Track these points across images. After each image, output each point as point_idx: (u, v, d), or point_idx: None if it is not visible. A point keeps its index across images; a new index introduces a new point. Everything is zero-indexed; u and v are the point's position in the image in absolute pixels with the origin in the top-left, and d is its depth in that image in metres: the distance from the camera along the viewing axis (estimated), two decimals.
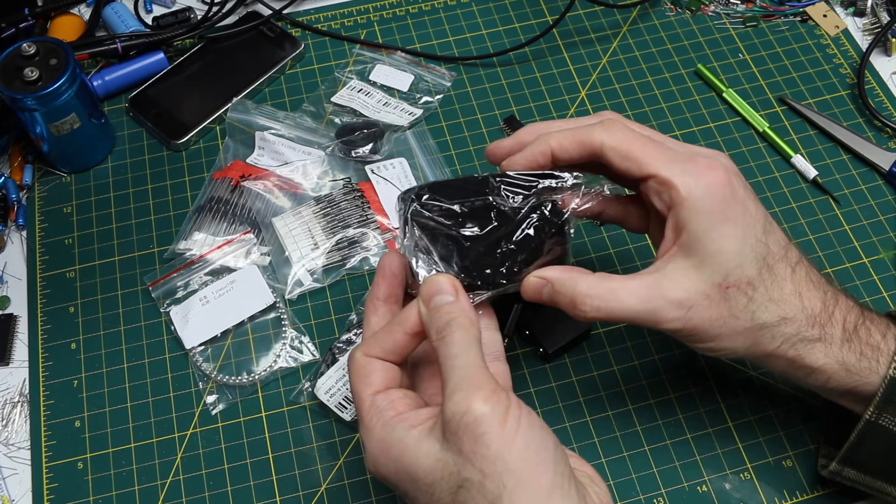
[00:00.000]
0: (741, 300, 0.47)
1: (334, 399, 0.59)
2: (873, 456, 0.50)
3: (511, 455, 0.41)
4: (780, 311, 0.47)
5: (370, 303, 0.49)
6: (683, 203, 0.46)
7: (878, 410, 0.48)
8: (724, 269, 0.46)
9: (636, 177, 0.48)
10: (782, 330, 0.47)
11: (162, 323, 0.65)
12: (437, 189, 0.50)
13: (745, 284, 0.46)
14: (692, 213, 0.46)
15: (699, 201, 0.46)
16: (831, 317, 0.48)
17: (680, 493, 0.57)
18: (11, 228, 0.70)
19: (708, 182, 0.47)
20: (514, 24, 0.81)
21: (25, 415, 0.62)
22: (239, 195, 0.69)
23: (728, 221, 0.47)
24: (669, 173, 0.47)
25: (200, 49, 0.78)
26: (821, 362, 0.48)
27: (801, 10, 0.81)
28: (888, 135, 0.74)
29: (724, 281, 0.46)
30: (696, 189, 0.46)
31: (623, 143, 0.48)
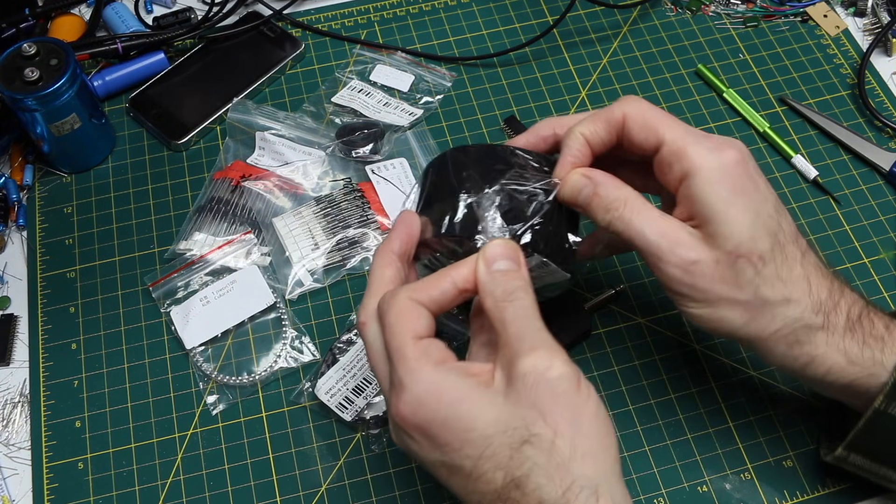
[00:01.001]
0: (748, 272, 0.46)
1: (335, 399, 0.59)
2: (881, 443, 0.49)
3: (584, 420, 0.40)
4: (786, 292, 0.47)
5: (385, 256, 0.47)
6: (697, 172, 0.46)
7: (887, 399, 0.47)
8: (736, 238, 0.46)
9: (652, 146, 0.48)
10: (785, 312, 0.47)
11: (162, 323, 0.65)
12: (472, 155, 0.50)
13: (755, 257, 0.46)
14: (706, 183, 0.46)
15: (713, 171, 0.46)
16: (836, 305, 0.48)
17: (680, 494, 0.57)
18: (12, 229, 0.70)
19: (721, 155, 0.47)
20: (514, 25, 0.81)
21: (26, 415, 0.62)
22: (239, 195, 0.69)
23: (742, 194, 0.46)
24: (684, 142, 0.47)
25: (201, 49, 0.79)
26: (821, 350, 0.47)
27: (801, 11, 0.81)
28: (888, 135, 0.74)
29: (734, 250, 0.46)
30: (710, 160, 0.46)
31: (643, 112, 0.49)
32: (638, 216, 0.47)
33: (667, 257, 0.46)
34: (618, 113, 0.49)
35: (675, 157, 0.47)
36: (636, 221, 0.47)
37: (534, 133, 0.52)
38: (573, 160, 0.49)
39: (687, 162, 0.47)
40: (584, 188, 0.48)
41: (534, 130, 0.52)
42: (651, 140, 0.48)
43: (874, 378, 0.47)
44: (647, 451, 0.59)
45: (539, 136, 0.52)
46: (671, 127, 0.48)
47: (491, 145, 0.51)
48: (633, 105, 0.49)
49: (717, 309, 0.47)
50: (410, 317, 0.43)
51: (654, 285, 0.66)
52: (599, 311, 0.64)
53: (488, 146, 0.51)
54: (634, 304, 0.65)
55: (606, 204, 0.48)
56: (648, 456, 0.58)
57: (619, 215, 0.47)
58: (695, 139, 0.47)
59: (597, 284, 0.65)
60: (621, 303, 0.65)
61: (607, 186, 0.48)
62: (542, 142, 0.52)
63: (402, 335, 0.43)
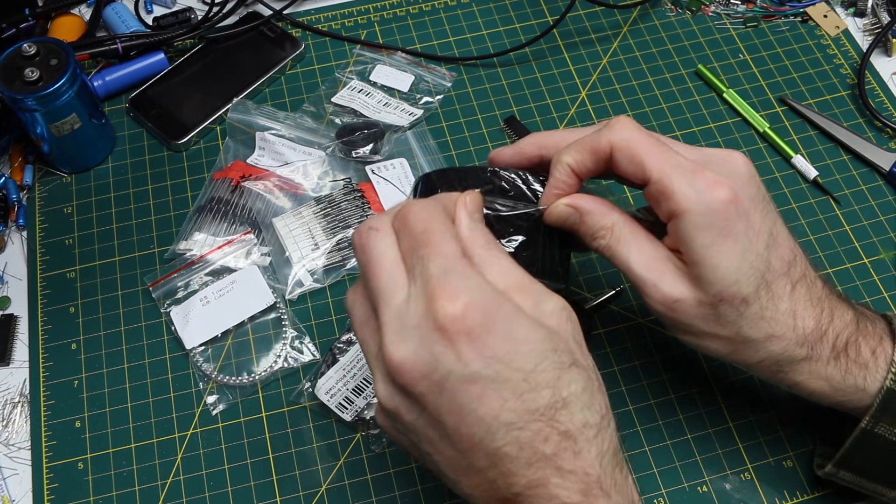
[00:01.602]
0: (730, 314, 0.46)
1: (335, 399, 0.59)
2: (869, 461, 0.50)
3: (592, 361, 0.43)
4: (769, 329, 0.47)
5: None
6: (683, 216, 0.45)
7: (873, 420, 0.48)
8: (719, 285, 0.45)
9: (640, 180, 0.47)
10: (768, 347, 0.47)
11: (162, 323, 0.65)
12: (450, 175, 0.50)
13: (738, 301, 0.46)
14: (691, 228, 0.45)
15: (699, 217, 0.45)
16: (823, 336, 0.48)
17: (680, 494, 0.57)
18: (12, 229, 0.70)
19: (710, 199, 0.45)
20: (514, 25, 0.81)
21: (26, 415, 0.62)
22: (239, 195, 0.69)
23: (728, 237, 0.45)
24: (671, 183, 0.45)
25: (201, 49, 0.79)
26: (804, 377, 0.48)
27: (801, 11, 0.81)
28: (888, 135, 0.74)
29: (718, 294, 0.46)
30: (698, 204, 0.45)
31: (629, 143, 0.46)
32: (624, 246, 0.47)
33: (650, 292, 0.47)
34: (605, 143, 0.47)
35: (662, 196, 0.46)
36: (622, 252, 0.47)
37: (518, 151, 0.51)
38: (557, 192, 0.48)
39: (673, 203, 0.45)
40: (569, 217, 0.48)
41: (518, 148, 0.51)
42: (638, 175, 0.47)
43: (859, 401, 0.48)
44: (647, 451, 0.59)
45: (524, 155, 0.51)
46: (658, 162, 0.46)
47: (473, 167, 0.51)
48: (619, 134, 0.47)
49: (700, 339, 0.48)
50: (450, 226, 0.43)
51: None
52: (599, 311, 0.64)
53: (471, 168, 0.51)
54: (634, 304, 0.65)
55: (593, 232, 0.48)
56: (648, 456, 0.58)
57: (605, 244, 0.48)
58: (682, 177, 0.45)
59: (597, 284, 0.65)
60: (621, 303, 0.65)
61: (593, 215, 0.47)
62: (527, 161, 0.51)
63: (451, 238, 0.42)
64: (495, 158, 0.52)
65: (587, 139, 0.48)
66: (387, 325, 0.40)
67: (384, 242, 0.42)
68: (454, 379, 0.39)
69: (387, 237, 0.43)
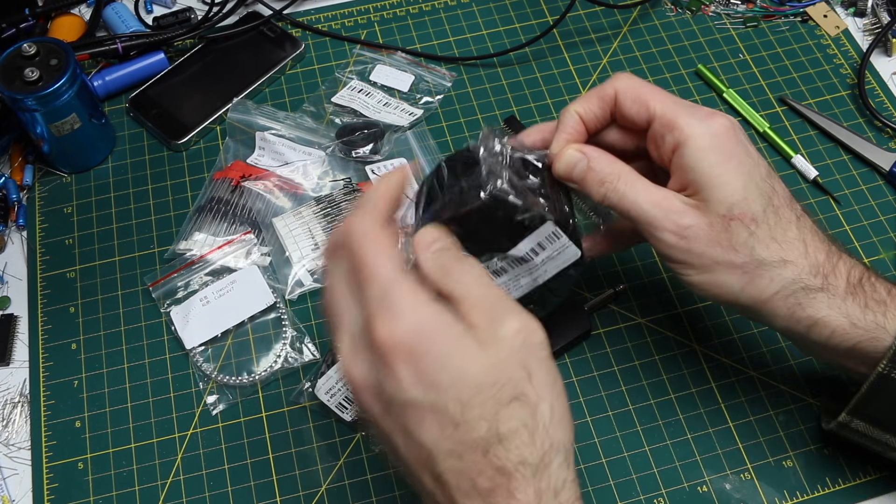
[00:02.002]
0: (742, 234, 0.47)
1: (335, 399, 0.59)
2: (884, 408, 0.49)
3: (558, 387, 0.41)
4: (781, 253, 0.47)
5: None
6: (688, 141, 0.47)
7: (890, 363, 0.47)
8: (728, 201, 0.47)
9: (644, 120, 0.49)
10: (782, 273, 0.47)
11: (162, 323, 0.65)
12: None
13: (748, 219, 0.47)
14: (697, 150, 0.47)
15: (703, 139, 0.47)
16: (835, 268, 0.48)
17: (680, 494, 0.57)
18: (12, 229, 0.70)
19: (711, 124, 0.48)
20: (514, 25, 0.81)
21: (26, 415, 0.62)
22: (239, 195, 0.69)
23: (733, 158, 0.47)
24: (674, 114, 0.48)
25: (201, 49, 0.79)
26: (823, 314, 0.48)
27: (801, 11, 0.81)
28: (888, 135, 0.74)
29: (727, 212, 0.47)
30: (700, 128, 0.48)
31: (634, 87, 0.50)
32: (632, 188, 0.48)
33: (661, 224, 0.47)
34: (609, 89, 0.50)
35: (667, 129, 0.48)
36: (630, 193, 0.48)
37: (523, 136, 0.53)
38: (567, 136, 0.50)
39: (678, 132, 0.48)
40: (578, 162, 0.49)
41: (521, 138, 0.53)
42: (643, 114, 0.49)
43: (877, 342, 0.48)
44: (647, 451, 0.59)
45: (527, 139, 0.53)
46: (661, 100, 0.49)
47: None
48: (623, 80, 0.50)
49: (714, 274, 0.48)
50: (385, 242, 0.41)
51: (654, 285, 0.66)
52: (599, 311, 0.64)
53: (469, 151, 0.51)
54: (634, 304, 0.65)
55: (601, 177, 0.49)
56: (648, 456, 0.58)
57: (613, 188, 0.48)
58: (685, 110, 0.49)
59: (597, 284, 0.65)
60: (621, 303, 0.65)
61: (601, 161, 0.49)
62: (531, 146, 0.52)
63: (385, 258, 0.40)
64: None
65: (593, 90, 0.51)
66: (344, 347, 0.41)
67: (333, 272, 0.43)
68: (397, 403, 0.39)
69: (334, 266, 0.43)
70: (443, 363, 0.38)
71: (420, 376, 0.38)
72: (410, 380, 0.38)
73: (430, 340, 0.39)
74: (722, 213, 0.47)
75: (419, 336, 0.39)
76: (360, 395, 0.41)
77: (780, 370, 0.61)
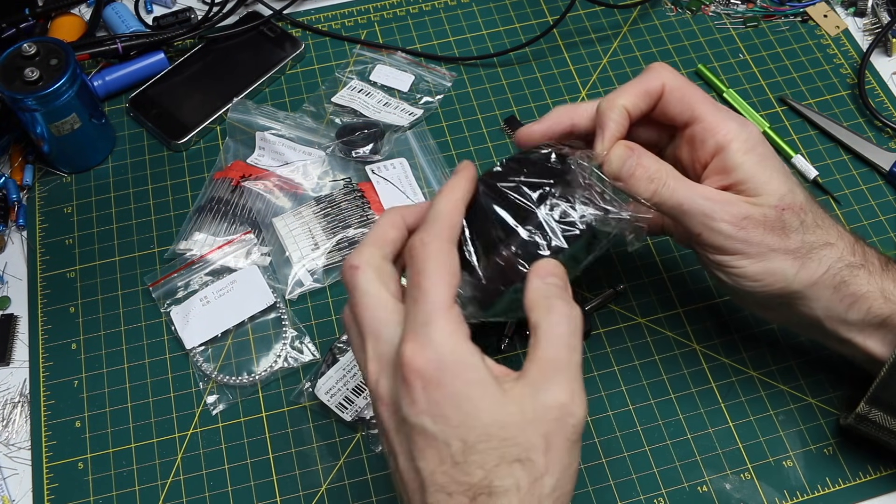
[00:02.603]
0: (794, 221, 0.49)
1: (335, 399, 0.59)
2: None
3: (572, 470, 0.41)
4: (825, 236, 0.50)
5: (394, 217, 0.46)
6: (730, 144, 0.50)
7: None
8: (778, 193, 0.49)
9: (685, 121, 0.51)
10: (829, 254, 0.50)
11: (162, 323, 0.65)
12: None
13: (798, 208, 0.50)
14: (741, 153, 0.50)
15: (745, 143, 0.50)
16: (865, 249, 0.52)
17: (680, 493, 0.57)
18: (12, 229, 0.70)
19: (748, 129, 0.51)
20: (514, 24, 0.81)
21: (26, 415, 0.62)
22: (239, 195, 0.69)
23: (771, 158, 0.51)
24: (717, 119, 0.51)
25: (201, 49, 0.79)
26: (864, 289, 0.50)
27: (801, 11, 0.81)
28: (888, 135, 0.74)
29: (779, 203, 0.49)
30: (742, 133, 0.50)
31: (681, 86, 0.52)
32: (682, 184, 0.50)
33: (719, 215, 0.49)
34: (657, 83, 0.51)
35: (710, 133, 0.50)
36: (682, 188, 0.49)
37: (549, 122, 0.53)
38: (616, 134, 0.50)
39: (721, 136, 0.50)
40: (629, 159, 0.49)
41: (550, 120, 0.53)
42: (686, 114, 0.51)
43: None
44: (647, 451, 0.59)
45: (555, 126, 0.52)
46: (705, 103, 0.51)
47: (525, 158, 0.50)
48: (670, 77, 0.52)
49: (769, 261, 0.49)
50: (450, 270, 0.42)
51: (654, 285, 0.66)
52: (599, 311, 0.64)
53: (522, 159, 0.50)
54: (634, 304, 0.65)
55: (651, 174, 0.49)
56: (648, 456, 0.58)
57: (664, 183, 0.49)
58: (726, 116, 0.51)
59: (597, 284, 0.65)
60: (621, 303, 0.65)
61: (650, 158, 0.50)
62: (559, 131, 0.53)
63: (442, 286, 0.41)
64: (524, 136, 0.53)
65: (637, 82, 0.52)
66: (369, 357, 0.42)
67: (365, 279, 0.44)
68: (407, 424, 0.40)
69: (365, 273, 0.44)
70: (458, 401, 0.39)
71: (432, 405, 0.39)
72: (423, 406, 0.39)
73: (452, 375, 0.40)
74: (774, 204, 0.49)
75: (442, 368, 0.39)
76: (379, 405, 0.42)
77: (780, 370, 0.61)
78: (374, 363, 0.42)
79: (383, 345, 0.42)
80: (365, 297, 0.43)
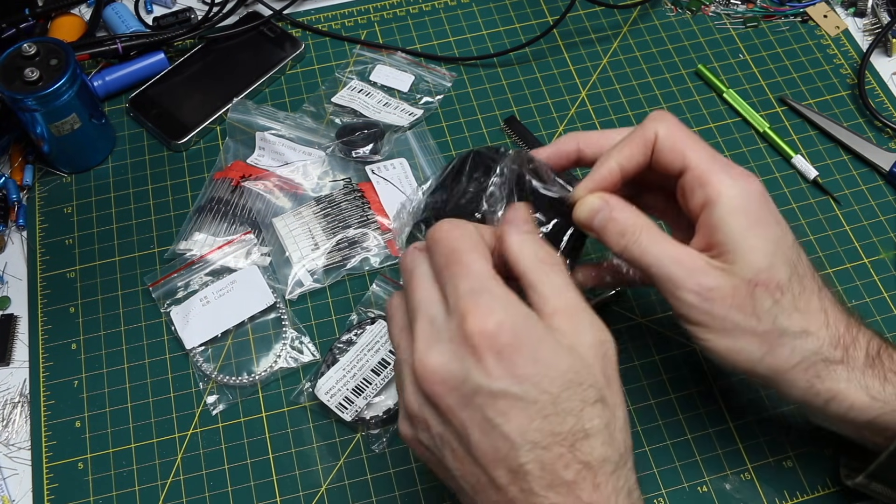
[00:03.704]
0: (766, 301, 0.46)
1: (335, 399, 0.59)
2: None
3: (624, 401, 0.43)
4: (804, 323, 0.46)
5: None
6: (719, 199, 0.46)
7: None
8: (755, 266, 0.46)
9: (677, 169, 0.48)
10: (803, 344, 0.46)
11: (162, 323, 0.65)
12: None
13: (773, 286, 0.46)
14: (727, 212, 0.46)
15: (735, 200, 0.46)
16: (854, 340, 0.47)
17: (680, 494, 0.57)
18: (12, 229, 0.70)
19: (744, 185, 0.47)
20: (514, 25, 0.81)
21: (26, 415, 0.62)
22: (239, 195, 0.69)
23: (762, 224, 0.46)
24: (708, 169, 0.47)
25: (201, 49, 0.79)
26: (842, 386, 0.46)
27: (801, 11, 0.81)
28: (889, 135, 0.74)
29: (753, 278, 0.45)
30: (733, 188, 0.46)
31: (673, 133, 0.48)
32: (654, 244, 0.47)
33: (683, 283, 0.46)
34: (650, 133, 0.49)
35: (699, 183, 0.47)
36: (652, 248, 0.47)
37: (556, 147, 0.52)
38: (594, 185, 0.49)
39: (710, 189, 0.47)
40: (601, 210, 0.48)
41: (557, 145, 0.52)
42: (677, 163, 0.48)
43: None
44: (647, 451, 0.59)
45: (562, 151, 0.51)
46: (697, 151, 0.48)
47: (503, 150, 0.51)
48: (663, 125, 0.49)
49: (735, 339, 0.46)
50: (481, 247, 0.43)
51: None
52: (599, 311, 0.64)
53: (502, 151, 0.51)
54: (634, 304, 0.65)
55: (622, 229, 0.47)
56: (648, 456, 0.58)
57: (635, 240, 0.47)
58: (719, 167, 0.47)
59: None
60: (621, 303, 0.65)
61: (624, 212, 0.47)
62: (566, 157, 0.52)
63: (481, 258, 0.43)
64: None
65: (635, 134, 0.49)
66: (420, 336, 0.42)
67: (424, 261, 0.44)
68: (483, 393, 0.40)
69: (419, 261, 0.44)
70: (534, 357, 0.40)
71: (511, 368, 0.39)
72: (501, 371, 0.39)
73: (522, 336, 0.40)
74: (748, 278, 0.45)
75: (512, 331, 0.40)
76: (435, 386, 0.41)
77: None
78: (427, 345, 0.41)
79: (436, 323, 0.42)
80: (421, 277, 0.44)
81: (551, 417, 0.40)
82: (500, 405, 0.39)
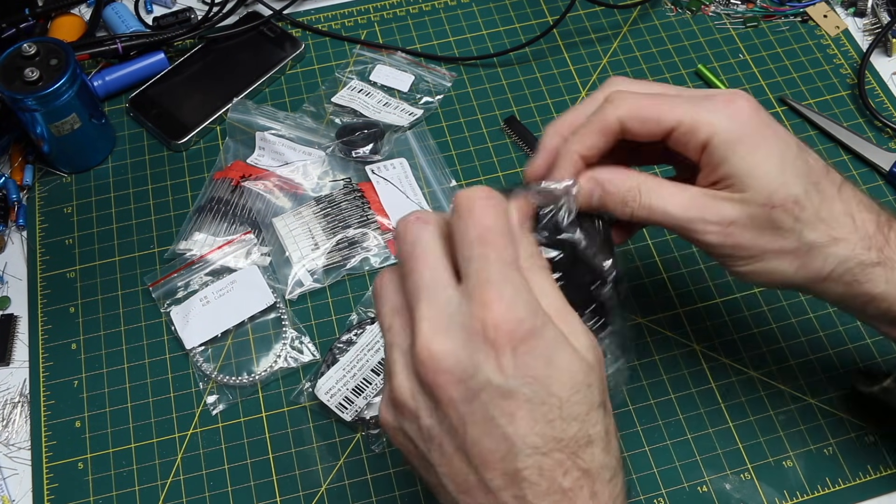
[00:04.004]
0: (787, 221, 0.45)
1: (335, 399, 0.59)
2: None
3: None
4: (831, 232, 0.45)
5: None
6: (713, 139, 0.45)
7: None
8: (767, 189, 0.44)
9: (660, 135, 0.46)
10: (835, 251, 0.45)
11: (162, 323, 0.65)
12: None
13: (790, 204, 0.45)
14: (724, 145, 0.45)
15: (728, 132, 0.45)
16: (888, 240, 0.46)
17: (680, 494, 0.57)
18: (12, 229, 0.70)
19: (731, 112, 0.45)
20: (514, 25, 0.81)
21: (26, 415, 0.62)
22: (239, 195, 0.69)
23: (761, 144, 0.45)
24: (690, 117, 0.45)
25: (201, 49, 0.79)
26: (881, 289, 0.46)
27: (801, 11, 0.81)
28: (888, 135, 0.74)
29: (768, 201, 0.44)
30: (722, 121, 0.45)
31: (634, 109, 0.46)
32: (658, 197, 0.46)
33: (699, 227, 0.45)
34: (611, 120, 0.46)
35: (688, 136, 0.45)
36: (657, 204, 0.45)
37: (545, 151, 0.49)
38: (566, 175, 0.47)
39: (701, 134, 0.45)
40: (592, 191, 0.46)
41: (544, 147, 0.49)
42: (657, 131, 0.46)
43: None
44: (647, 451, 0.59)
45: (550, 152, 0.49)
46: (667, 109, 0.46)
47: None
48: (620, 106, 0.46)
49: (765, 262, 0.46)
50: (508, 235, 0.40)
51: (654, 285, 0.66)
52: None
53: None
54: (635, 304, 0.65)
55: (621, 198, 0.46)
56: (648, 456, 0.58)
57: (638, 204, 0.46)
58: (701, 106, 0.45)
59: None
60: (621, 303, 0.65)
61: (615, 180, 0.46)
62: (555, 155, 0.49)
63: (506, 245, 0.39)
64: (531, 175, 0.49)
65: (594, 121, 0.46)
66: (428, 320, 0.38)
67: (431, 234, 0.40)
68: (490, 390, 0.37)
69: (435, 230, 0.40)
70: (549, 358, 0.38)
71: (525, 368, 0.37)
72: (514, 369, 0.37)
73: (538, 336, 0.37)
74: (762, 203, 0.44)
75: (530, 329, 0.37)
76: (439, 375, 0.37)
77: (780, 370, 0.61)
78: (436, 330, 0.38)
79: (449, 307, 0.38)
80: (428, 253, 0.39)
81: (556, 422, 0.38)
82: (507, 405, 0.37)
